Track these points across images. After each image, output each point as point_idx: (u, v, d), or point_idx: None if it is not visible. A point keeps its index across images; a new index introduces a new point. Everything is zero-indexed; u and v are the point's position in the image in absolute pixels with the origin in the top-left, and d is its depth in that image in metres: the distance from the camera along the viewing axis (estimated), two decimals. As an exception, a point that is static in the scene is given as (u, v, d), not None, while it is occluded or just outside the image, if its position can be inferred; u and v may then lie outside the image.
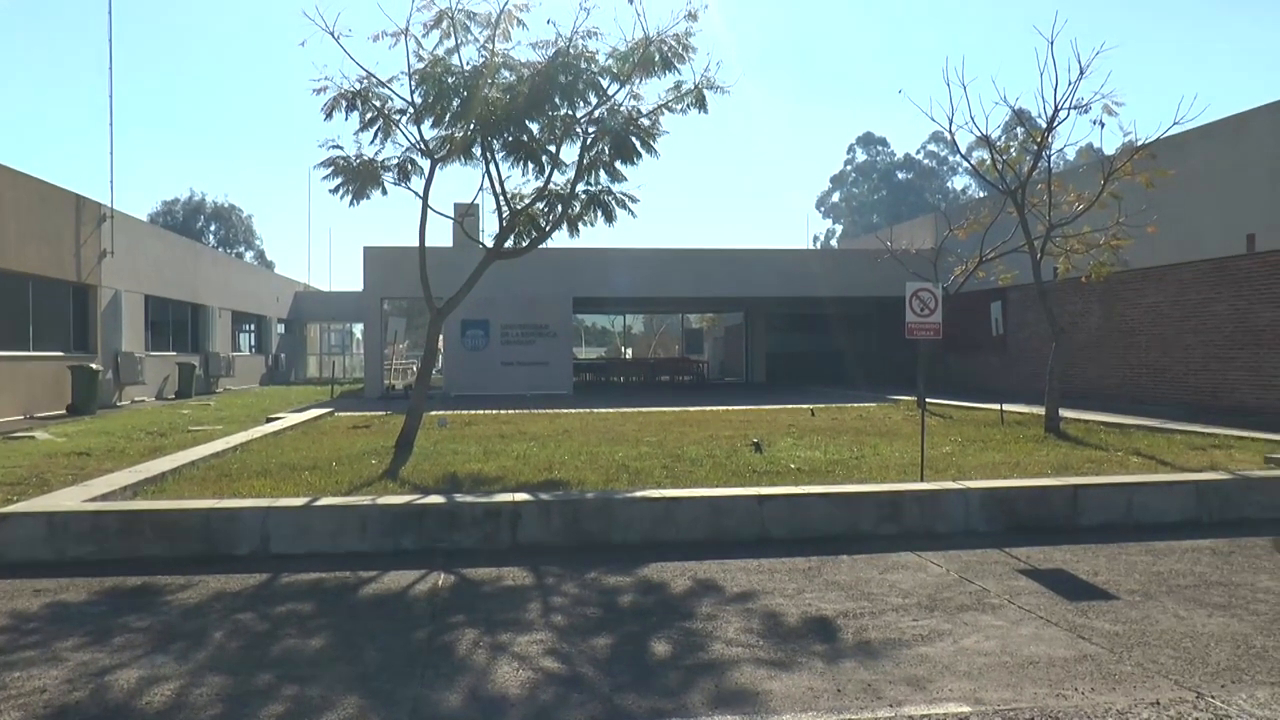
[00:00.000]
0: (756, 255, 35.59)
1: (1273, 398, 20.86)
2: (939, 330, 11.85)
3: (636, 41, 13.19)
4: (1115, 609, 6.92)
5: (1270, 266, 21.13)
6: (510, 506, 9.00)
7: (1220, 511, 10.28)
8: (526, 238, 15.09)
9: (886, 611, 6.80)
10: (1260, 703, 5.16)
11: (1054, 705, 5.09)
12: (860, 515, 9.46)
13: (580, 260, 32.10)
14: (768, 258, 35.70)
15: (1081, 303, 27.00)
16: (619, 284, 33.64)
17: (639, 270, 33.30)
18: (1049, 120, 17.09)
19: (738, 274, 34.44)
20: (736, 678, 5.48)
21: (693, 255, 34.56)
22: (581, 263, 32.22)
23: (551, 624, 6.51)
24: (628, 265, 33.08)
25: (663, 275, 33.73)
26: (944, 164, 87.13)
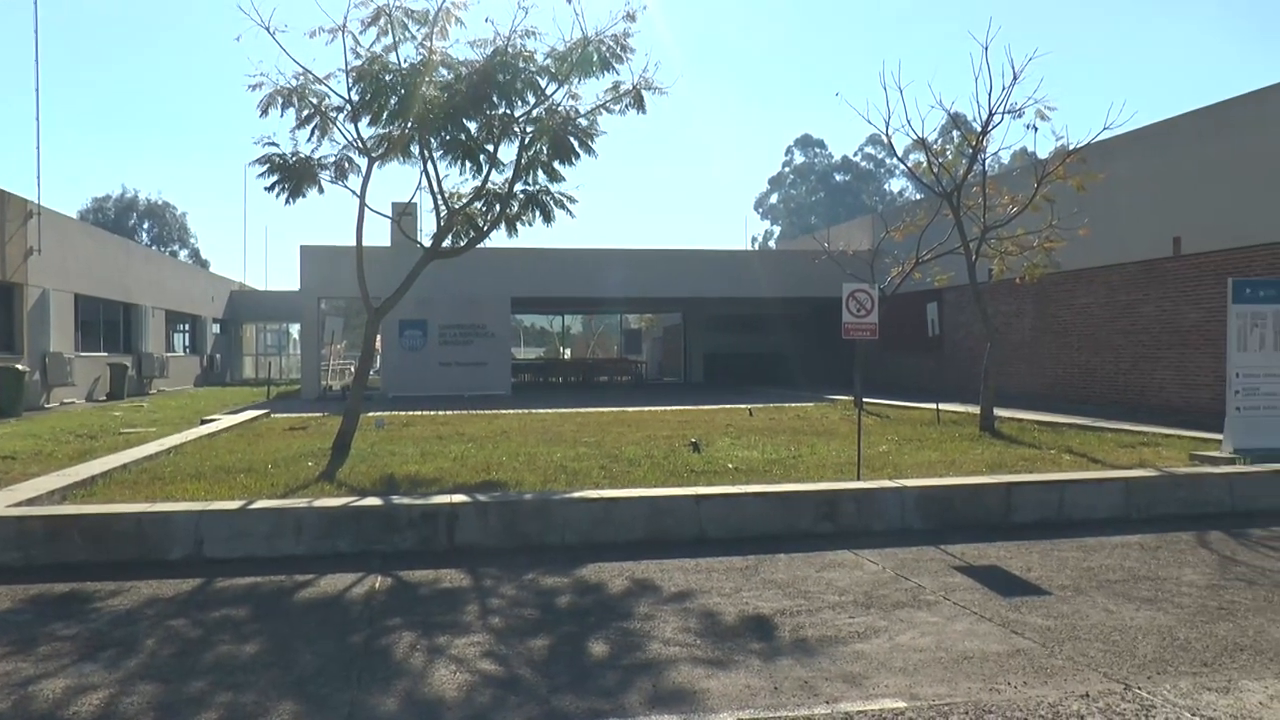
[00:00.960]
0: (695, 256, 35.70)
1: (1198, 397, 21.31)
2: (875, 331, 11.97)
3: (575, 41, 13.19)
4: (1047, 604, 7.04)
5: (1195, 269, 21.60)
6: (448, 508, 8.95)
7: (1148, 508, 10.52)
8: (464, 237, 15.02)
9: (823, 609, 6.86)
10: (1183, 692, 5.29)
11: (987, 699, 5.17)
12: (797, 514, 9.53)
13: (519, 260, 31.98)
14: (706, 258, 35.82)
15: (1015, 304, 27.41)
16: (558, 284, 33.58)
17: (577, 270, 33.26)
18: (984, 124, 17.35)
19: (676, 274, 34.52)
20: (674, 677, 5.50)
21: (631, 255, 34.58)
22: (520, 263, 32.11)
23: (489, 626, 6.50)
24: (566, 265, 33.03)
25: (601, 275, 33.71)
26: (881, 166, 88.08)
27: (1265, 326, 12.81)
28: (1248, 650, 5.98)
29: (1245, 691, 5.30)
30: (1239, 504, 10.82)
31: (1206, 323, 21.01)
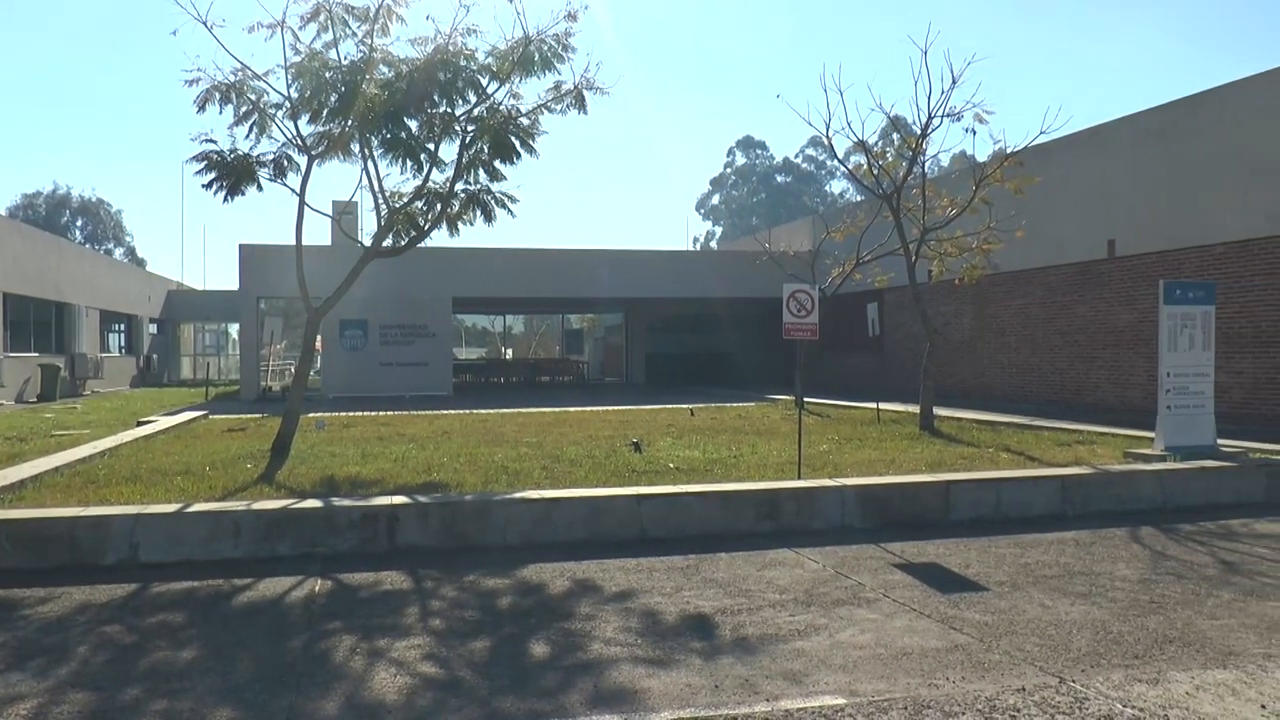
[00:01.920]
0: (636, 256, 35.74)
1: (1132, 396, 21.70)
2: (816, 331, 12.05)
3: (516, 40, 13.16)
4: (985, 600, 7.15)
5: (1129, 271, 22.00)
6: (388, 510, 8.89)
7: (1083, 505, 10.71)
8: (405, 236, 14.94)
9: (764, 608, 6.90)
10: (1115, 684, 5.40)
11: (926, 694, 5.24)
12: (738, 513, 9.58)
13: (460, 260, 31.83)
14: (647, 259, 35.87)
15: (955, 304, 27.74)
16: (499, 284, 33.48)
17: (519, 270, 33.18)
18: (923, 127, 17.55)
19: (617, 274, 34.52)
20: (615, 677, 5.51)
21: (573, 255, 34.55)
22: (461, 262, 31.95)
23: (430, 628, 6.47)
24: (508, 265, 32.93)
25: (543, 275, 33.65)
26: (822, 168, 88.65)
27: (1194, 327, 13.07)
28: (1176, 642, 6.12)
29: (1173, 682, 5.42)
30: (1170, 500, 11.06)
31: (1139, 323, 21.41)
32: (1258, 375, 19.20)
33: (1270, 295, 19.03)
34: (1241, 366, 19.37)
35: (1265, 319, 19.09)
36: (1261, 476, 11.60)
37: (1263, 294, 19.15)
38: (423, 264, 29.51)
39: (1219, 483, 11.42)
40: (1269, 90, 19.41)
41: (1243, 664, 5.73)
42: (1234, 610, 6.86)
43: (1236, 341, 19.33)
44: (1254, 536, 9.50)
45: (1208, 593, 7.34)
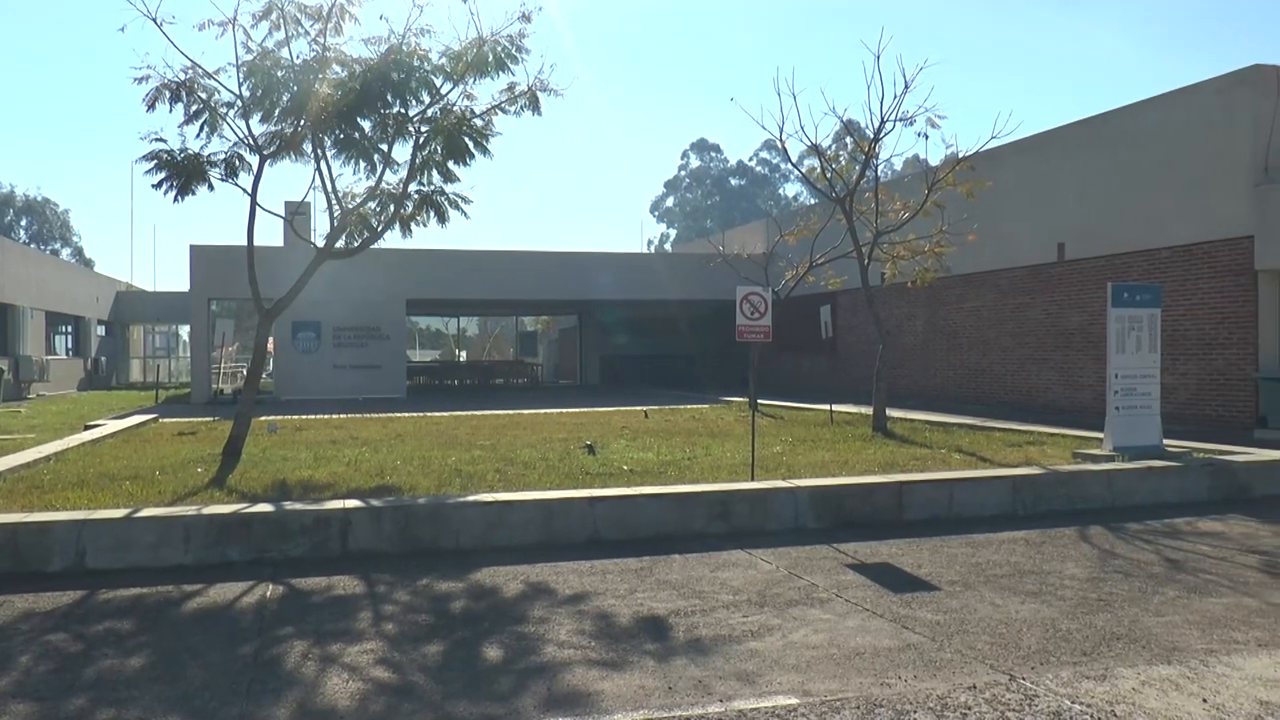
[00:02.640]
0: (591, 258, 35.74)
1: (1081, 397, 21.99)
2: (769, 333, 12.11)
3: (470, 41, 13.11)
4: (937, 599, 7.22)
5: (1079, 274, 22.30)
6: (341, 514, 8.82)
7: (1034, 505, 10.84)
8: (358, 237, 14.84)
9: (717, 609, 6.93)
10: (1064, 681, 5.48)
11: (878, 694, 5.28)
12: (692, 515, 9.61)
13: (413, 261, 31.69)
14: (602, 261, 35.89)
15: (907, 307, 27.97)
16: (453, 286, 33.36)
17: (473, 272, 33.08)
18: (876, 131, 17.69)
19: (572, 276, 34.52)
20: (569, 679, 5.51)
21: (527, 257, 34.51)
22: (415, 264, 31.82)
23: (383, 633, 6.43)
24: (462, 266, 32.83)
25: (497, 277, 33.57)
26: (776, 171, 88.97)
27: (1141, 329, 13.27)
28: (1123, 639, 6.22)
29: (1120, 678, 5.51)
30: (1118, 499, 11.21)
31: (1089, 326, 21.71)
32: (1201, 377, 19.52)
33: (1213, 298, 19.36)
34: (1186, 368, 19.69)
35: (1209, 322, 19.42)
36: (1205, 476, 11.80)
37: (1206, 297, 19.48)
38: (376, 265, 29.39)
39: (1165, 482, 11.60)
40: (1207, 99, 19.76)
41: (1186, 659, 5.83)
42: (1178, 607, 6.97)
43: (1182, 344, 19.64)
44: (1198, 535, 9.66)
45: (1153, 590, 7.46)
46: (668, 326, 41.34)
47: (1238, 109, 19.05)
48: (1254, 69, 18.90)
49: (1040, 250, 23.48)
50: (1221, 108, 19.41)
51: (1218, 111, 19.49)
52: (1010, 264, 24.45)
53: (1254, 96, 18.71)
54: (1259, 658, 5.88)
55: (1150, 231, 20.62)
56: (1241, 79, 19.05)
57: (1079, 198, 22.49)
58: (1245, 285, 18.82)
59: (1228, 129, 19.23)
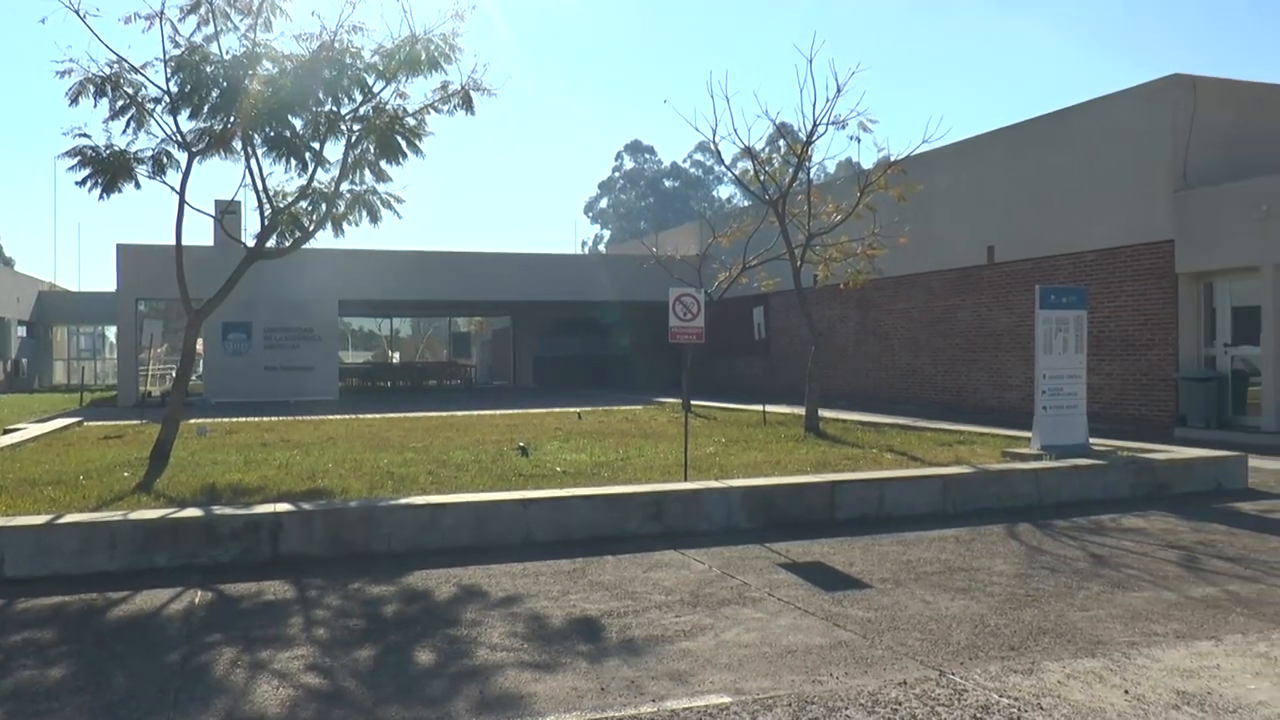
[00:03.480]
0: (524, 259, 35.68)
1: (1010, 397, 22.35)
2: (701, 334, 12.16)
3: (403, 39, 12.99)
4: (869, 597, 7.30)
5: (1007, 276, 22.68)
6: (271, 517, 8.71)
7: (963, 503, 11.00)
8: (289, 237, 14.66)
9: (650, 609, 6.95)
10: (992, 675, 5.57)
11: (810, 691, 5.33)
12: (625, 516, 9.62)
13: (346, 261, 31.39)
14: (535, 261, 35.83)
15: (840, 308, 28.24)
16: (386, 286, 33.11)
17: (406, 272, 32.88)
18: (808, 135, 17.83)
19: (505, 277, 34.43)
20: (501, 682, 5.49)
21: (460, 258, 34.35)
22: (347, 264, 31.53)
23: (314, 638, 6.36)
24: (395, 267, 32.61)
25: (430, 277, 33.40)
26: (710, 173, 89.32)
27: (1068, 331, 13.51)
28: (1050, 634, 6.34)
29: (1046, 672, 5.61)
30: (1045, 497, 11.41)
31: (1017, 327, 22.07)
32: (1126, 377, 19.94)
33: (1137, 300, 19.79)
34: (1111, 368, 20.10)
35: (1132, 323, 19.84)
36: (1129, 474, 12.05)
37: (1130, 299, 19.90)
38: (308, 265, 29.10)
39: (1090, 480, 11.82)
40: (1129, 106, 20.23)
41: (1109, 652, 5.96)
42: (1102, 601, 7.12)
43: (1107, 345, 20.04)
44: (1121, 531, 9.86)
45: (1079, 585, 7.61)
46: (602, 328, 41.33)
47: (1158, 117, 19.50)
48: (1173, 78, 19.35)
49: (970, 253, 23.85)
50: (1143, 115, 19.87)
51: (1140, 119, 19.93)
52: (941, 266, 24.80)
53: (1173, 105, 19.16)
54: (1177, 649, 6.03)
55: (1076, 235, 21.03)
56: (1161, 88, 19.50)
57: (1008, 202, 22.88)
58: (1167, 288, 19.27)
59: (1149, 136, 19.68)
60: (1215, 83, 19.60)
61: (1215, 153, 19.13)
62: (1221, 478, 12.52)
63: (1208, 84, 19.41)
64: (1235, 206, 18.16)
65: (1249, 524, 10.27)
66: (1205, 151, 19.11)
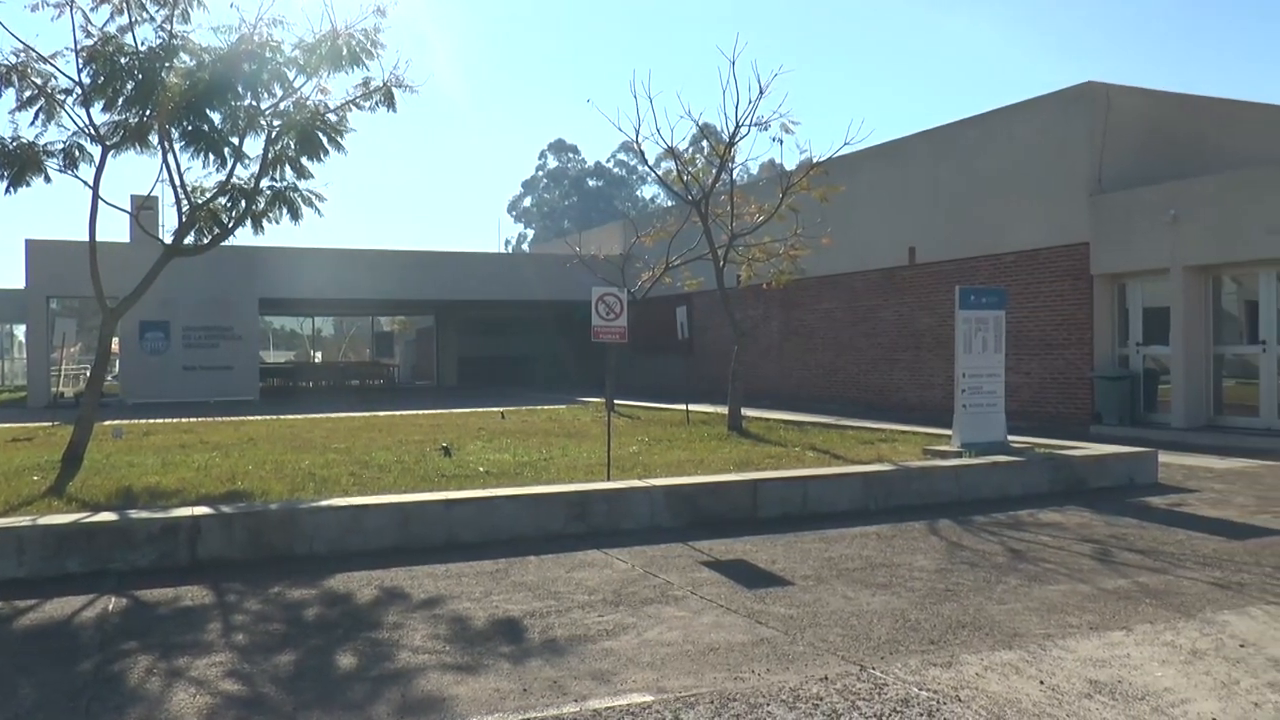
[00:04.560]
0: (447, 258, 35.44)
1: (932, 396, 22.68)
2: (624, 334, 12.17)
3: (324, 34, 12.81)
4: (791, 594, 7.36)
5: (929, 277, 23.01)
6: (189, 521, 8.55)
7: (885, 500, 11.13)
8: (208, 234, 14.40)
9: (573, 609, 6.94)
10: (912, 669, 5.66)
11: (732, 688, 5.35)
12: (548, 516, 9.60)
13: (267, 259, 30.94)
14: (459, 260, 35.62)
15: (763, 308, 28.44)
16: (308, 285, 32.70)
17: (328, 270, 32.49)
18: (731, 135, 17.91)
19: (428, 276, 34.17)
20: (423, 685, 5.45)
21: (383, 256, 34.05)
22: (268, 262, 31.08)
23: (233, 644, 6.25)
24: (317, 265, 32.20)
25: (353, 276, 33.06)
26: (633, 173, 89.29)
27: (987, 331, 13.73)
28: (968, 627, 6.45)
29: (965, 665, 5.71)
30: (965, 493, 11.60)
31: (938, 327, 22.40)
32: (1044, 375, 20.34)
33: (1054, 301, 20.20)
34: (1030, 367, 20.48)
35: (1050, 323, 20.25)
36: (1046, 470, 12.29)
37: (1048, 300, 20.31)
38: (228, 263, 28.66)
39: (1009, 476, 12.04)
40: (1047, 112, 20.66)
41: (1026, 644, 6.08)
42: (1019, 595, 7.26)
43: (1025, 344, 20.42)
44: (1039, 525, 10.05)
45: (997, 579, 7.74)
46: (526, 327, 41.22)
47: (1074, 123, 19.91)
48: (1087, 85, 19.79)
49: (892, 254, 24.16)
50: (1060, 121, 20.29)
51: (1057, 125, 20.35)
52: (864, 267, 25.09)
53: (1088, 112, 19.60)
54: (1090, 640, 6.18)
55: (996, 237, 21.41)
56: (1077, 95, 19.93)
57: (929, 203, 23.21)
58: (1083, 289, 19.69)
59: (1066, 141, 20.11)
60: (1129, 91, 20.07)
61: (1129, 158, 19.60)
62: (1134, 473, 12.83)
63: (1121, 92, 19.88)
64: (1146, 210, 18.62)
65: (1158, 518, 10.53)
66: (1119, 157, 19.57)
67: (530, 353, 41.18)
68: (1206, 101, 20.97)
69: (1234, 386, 18.51)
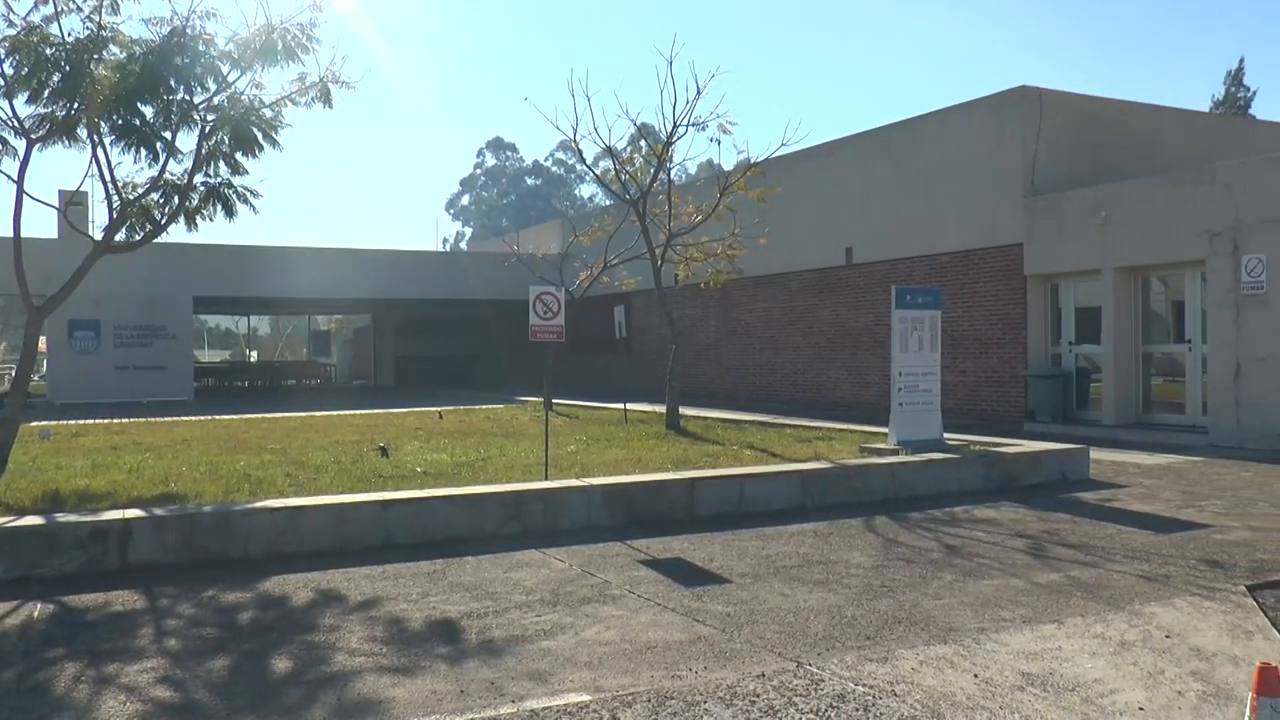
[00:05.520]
0: (385, 256, 35.15)
1: (868, 394, 22.89)
2: (562, 333, 12.15)
3: (259, 28, 12.61)
4: (728, 592, 7.39)
5: (865, 277, 23.22)
6: (120, 524, 8.37)
7: (822, 497, 11.21)
8: (140, 230, 14.12)
9: (510, 609, 6.91)
10: (848, 665, 5.72)
11: (669, 686, 5.37)
12: (485, 516, 9.55)
13: (201, 257, 30.49)
14: (396, 259, 35.35)
15: (701, 307, 28.53)
16: (243, 283, 32.29)
17: (265, 268, 32.11)
18: (669, 135, 17.94)
19: (366, 274, 33.88)
20: (359, 688, 5.40)
21: (320, 254, 33.70)
22: (203, 259, 30.63)
23: (164, 649, 6.14)
24: (252, 263, 31.82)
25: (289, 274, 32.68)
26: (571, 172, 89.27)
27: (923, 330, 13.87)
28: (904, 622, 6.52)
29: (900, 660, 5.78)
30: (901, 490, 11.71)
31: (875, 326, 22.61)
32: (978, 374, 20.60)
33: (989, 301, 20.47)
34: (965, 366, 20.74)
35: (985, 323, 20.52)
36: (981, 467, 12.45)
37: (982, 300, 20.58)
38: (161, 261, 28.23)
39: (944, 473, 12.18)
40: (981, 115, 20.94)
41: (960, 638, 6.16)
42: (954, 590, 7.36)
43: (960, 343, 20.68)
44: (973, 521, 10.19)
45: (932, 575, 7.84)
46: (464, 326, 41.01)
47: (1008, 126, 20.21)
48: (1020, 90, 20.07)
49: (829, 254, 24.34)
50: (993, 125, 20.58)
51: (991, 128, 20.63)
52: (801, 267, 25.26)
53: (1021, 115, 19.89)
54: (1023, 633, 6.28)
55: (932, 237, 21.65)
56: (1011, 98, 20.21)
57: (866, 204, 23.42)
58: (1017, 289, 19.98)
59: (999, 144, 20.39)
60: (1060, 95, 20.38)
61: (1061, 161, 19.91)
62: (1066, 469, 13.05)
63: (1053, 96, 20.18)
64: (1078, 212, 18.93)
65: (1089, 512, 10.72)
66: (1052, 159, 19.88)
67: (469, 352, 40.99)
68: (1135, 106, 21.39)
69: (1162, 384, 18.88)
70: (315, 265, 33.10)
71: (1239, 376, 16.37)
